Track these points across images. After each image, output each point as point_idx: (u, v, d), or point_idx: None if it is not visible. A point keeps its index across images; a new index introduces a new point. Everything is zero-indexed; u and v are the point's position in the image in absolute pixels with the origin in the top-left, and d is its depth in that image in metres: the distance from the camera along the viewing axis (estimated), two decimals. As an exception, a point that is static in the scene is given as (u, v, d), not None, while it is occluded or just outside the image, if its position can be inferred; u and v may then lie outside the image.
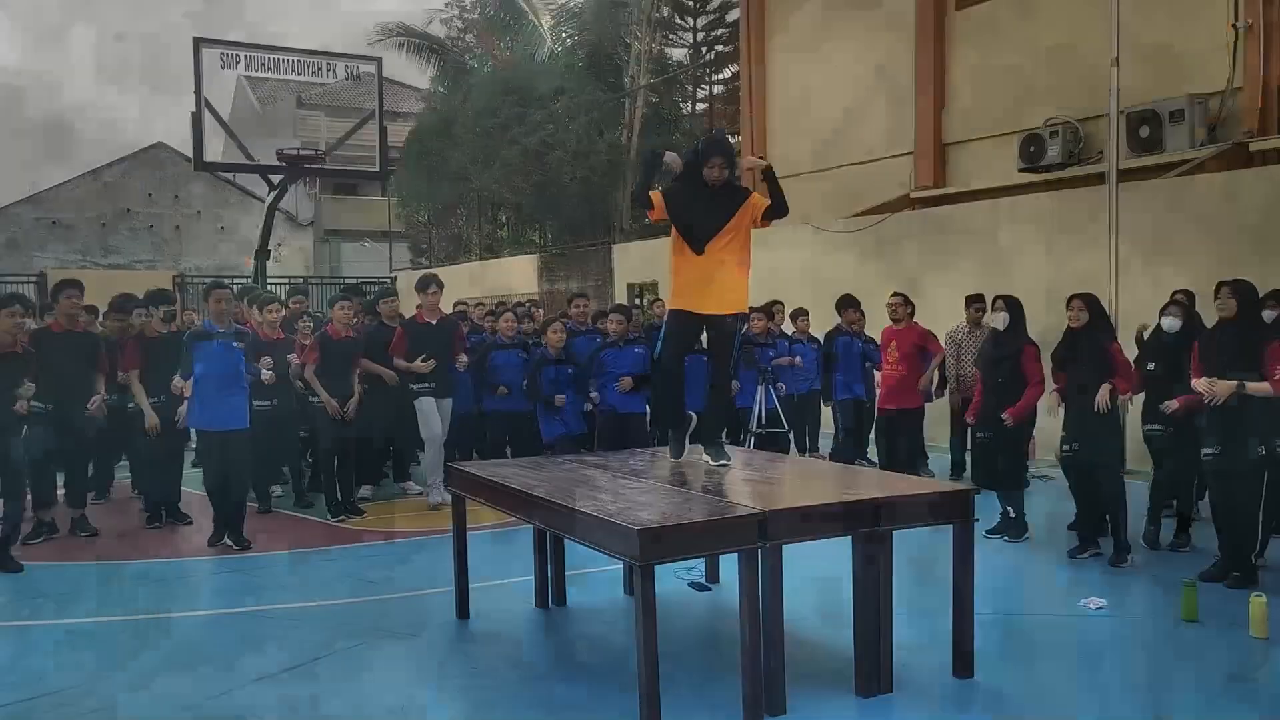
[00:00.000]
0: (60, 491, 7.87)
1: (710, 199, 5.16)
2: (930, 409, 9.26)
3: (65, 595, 6.33)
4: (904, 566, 4.65)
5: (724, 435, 5.73)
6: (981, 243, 11.73)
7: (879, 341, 9.30)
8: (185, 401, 7.39)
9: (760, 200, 5.20)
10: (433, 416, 8.47)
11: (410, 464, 9.85)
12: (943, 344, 9.15)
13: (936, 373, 8.98)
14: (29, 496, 7.20)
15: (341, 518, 8.23)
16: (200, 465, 8.12)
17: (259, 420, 7.62)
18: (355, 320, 8.78)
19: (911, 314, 9.03)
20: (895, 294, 9.05)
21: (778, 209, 5.19)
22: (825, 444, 10.49)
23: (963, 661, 4.58)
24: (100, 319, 9.10)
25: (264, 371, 7.63)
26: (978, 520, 4.62)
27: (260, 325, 8.63)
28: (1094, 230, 10.00)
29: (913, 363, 8.76)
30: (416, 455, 9.55)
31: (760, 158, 5.29)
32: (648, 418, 8.54)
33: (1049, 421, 6.96)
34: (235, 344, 7.23)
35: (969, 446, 8.87)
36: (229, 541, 7.29)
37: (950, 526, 4.54)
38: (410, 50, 27.39)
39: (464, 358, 8.64)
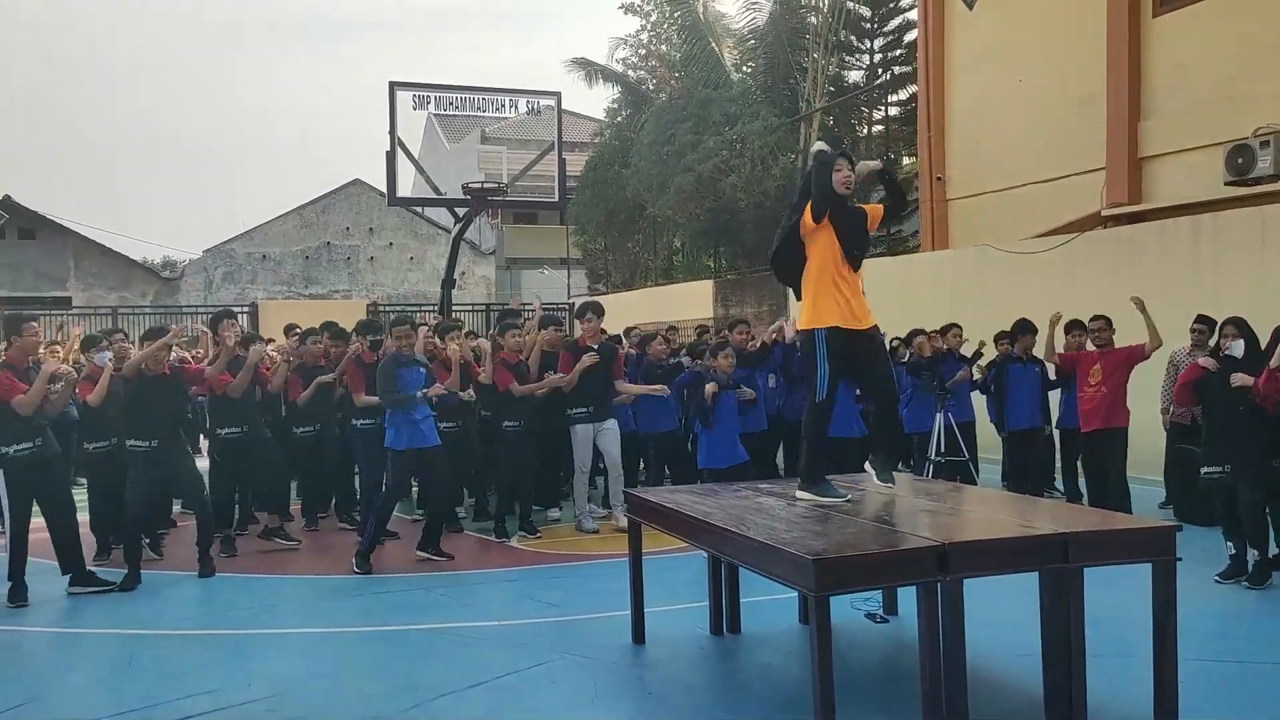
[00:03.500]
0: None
1: (852, 210, 5.07)
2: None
3: (268, 605, 6.75)
4: (1101, 602, 4.41)
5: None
6: (1182, 263, 11.02)
7: (1067, 365, 8.83)
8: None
9: (876, 210, 5.21)
10: (585, 446, 8.67)
11: (563, 487, 9.88)
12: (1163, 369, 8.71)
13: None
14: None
15: (521, 535, 8.55)
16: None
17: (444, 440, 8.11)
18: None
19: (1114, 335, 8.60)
20: (1098, 317, 8.59)
21: (896, 207, 5.36)
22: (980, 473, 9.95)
23: (1165, 711, 4.29)
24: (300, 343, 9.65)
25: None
26: (1180, 559, 4.32)
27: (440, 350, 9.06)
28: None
29: (1118, 381, 8.34)
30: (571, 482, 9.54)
31: (875, 161, 5.15)
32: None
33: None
34: (420, 369, 7.85)
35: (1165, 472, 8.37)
36: (428, 554, 7.78)
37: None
38: (590, 79, 28.15)
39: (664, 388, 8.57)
